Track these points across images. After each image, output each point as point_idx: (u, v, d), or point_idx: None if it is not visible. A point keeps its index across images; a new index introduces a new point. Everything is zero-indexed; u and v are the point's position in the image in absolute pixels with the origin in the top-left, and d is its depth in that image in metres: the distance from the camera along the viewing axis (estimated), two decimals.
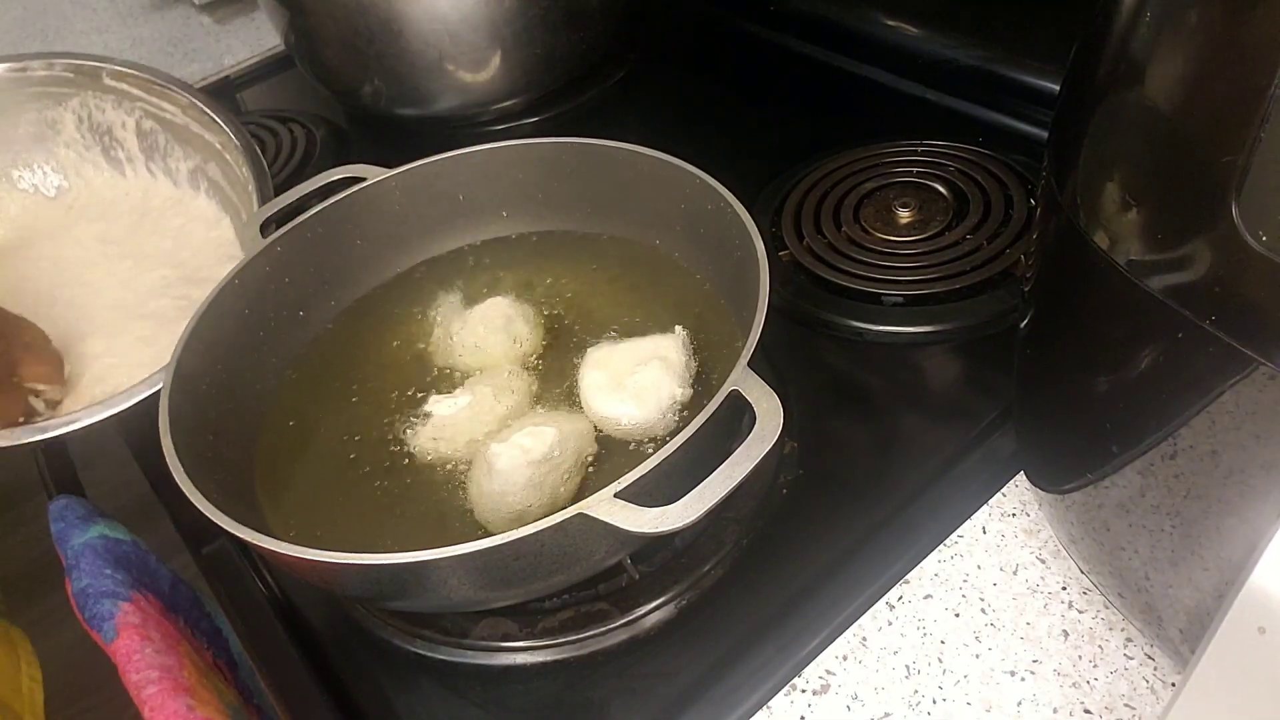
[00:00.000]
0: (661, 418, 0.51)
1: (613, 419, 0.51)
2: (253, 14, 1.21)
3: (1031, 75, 0.75)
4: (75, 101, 0.77)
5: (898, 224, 0.67)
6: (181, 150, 0.76)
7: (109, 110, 0.77)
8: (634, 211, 0.62)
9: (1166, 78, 0.30)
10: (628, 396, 0.51)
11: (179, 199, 0.78)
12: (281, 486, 0.53)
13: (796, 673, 0.46)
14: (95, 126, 0.78)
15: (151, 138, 0.77)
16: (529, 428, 0.49)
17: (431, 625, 0.50)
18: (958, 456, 0.54)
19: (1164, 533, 0.35)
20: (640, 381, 0.51)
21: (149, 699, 0.46)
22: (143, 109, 0.75)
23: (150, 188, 0.79)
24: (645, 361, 0.52)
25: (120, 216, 0.78)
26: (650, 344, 0.54)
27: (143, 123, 0.76)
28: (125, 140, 0.78)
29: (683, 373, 0.52)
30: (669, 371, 0.52)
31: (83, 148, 0.79)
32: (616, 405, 0.51)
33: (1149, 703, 0.42)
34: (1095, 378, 0.36)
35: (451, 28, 0.81)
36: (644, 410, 0.51)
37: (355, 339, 0.62)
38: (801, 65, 0.90)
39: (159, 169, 0.78)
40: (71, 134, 0.78)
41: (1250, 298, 0.27)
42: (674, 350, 0.53)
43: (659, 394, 0.51)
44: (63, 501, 0.60)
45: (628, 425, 0.51)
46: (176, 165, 0.77)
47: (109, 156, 0.79)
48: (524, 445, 0.48)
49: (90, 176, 0.80)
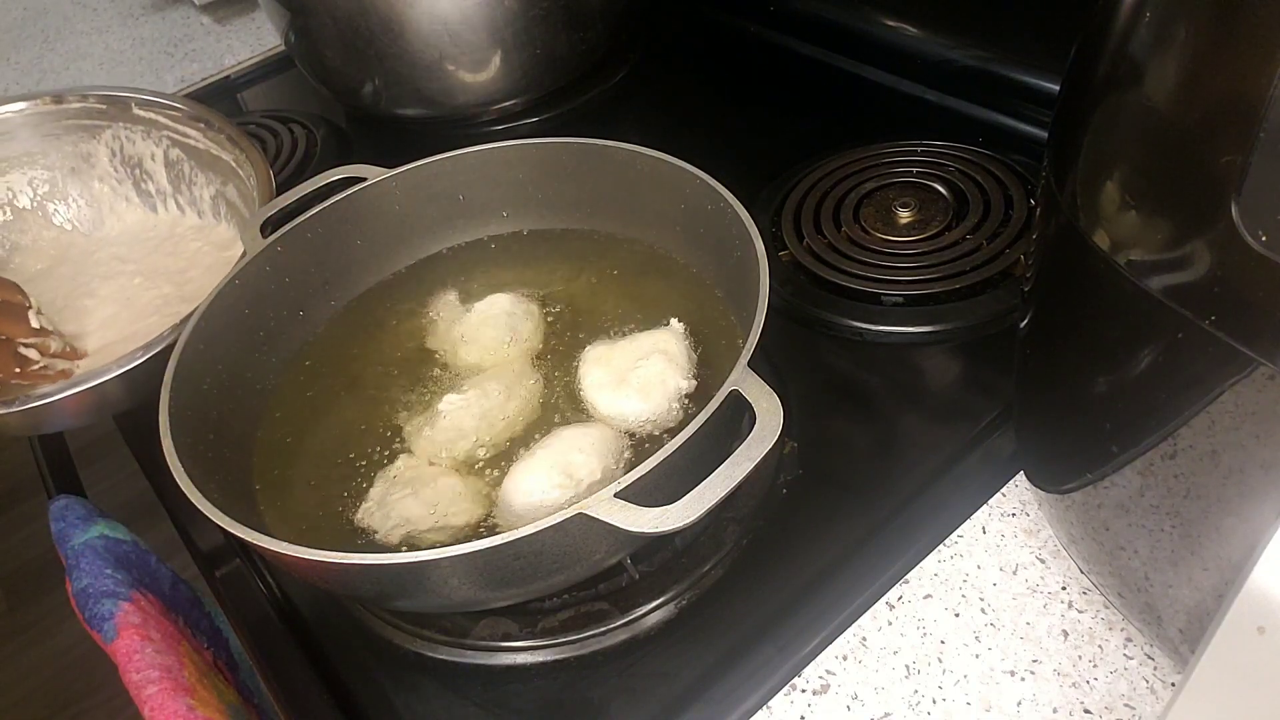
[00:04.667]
0: (669, 410, 0.51)
1: (620, 416, 0.51)
2: (253, 14, 1.21)
3: (1031, 75, 0.75)
4: (108, 134, 0.78)
5: (898, 224, 0.67)
6: (204, 176, 0.76)
7: (139, 141, 0.78)
8: (634, 211, 0.62)
9: (1166, 78, 0.30)
10: (632, 391, 0.51)
11: (201, 227, 0.78)
12: (281, 486, 0.53)
13: (796, 673, 0.46)
14: (127, 159, 0.79)
15: (178, 167, 0.78)
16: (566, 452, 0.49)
17: (432, 625, 0.50)
18: (957, 456, 0.54)
19: (1164, 533, 0.35)
20: (644, 376, 0.52)
21: (149, 699, 0.46)
22: (169, 137, 0.76)
23: (178, 221, 0.80)
24: (646, 356, 0.52)
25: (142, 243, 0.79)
26: (648, 339, 0.54)
27: (170, 152, 0.77)
28: (155, 172, 0.78)
29: (684, 364, 0.53)
30: (671, 364, 0.52)
31: (116, 181, 0.80)
32: (623, 401, 0.51)
33: (1149, 703, 0.42)
34: (1095, 378, 0.36)
35: (452, 28, 0.81)
36: (651, 403, 0.51)
37: (355, 339, 0.62)
38: (801, 65, 0.90)
39: (185, 201, 0.79)
40: (105, 167, 0.79)
41: (1250, 298, 0.27)
42: (673, 343, 0.53)
43: (665, 386, 0.51)
44: (63, 501, 0.60)
45: (636, 420, 0.51)
46: (200, 194, 0.78)
47: (140, 189, 0.80)
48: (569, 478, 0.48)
49: (123, 212, 0.81)
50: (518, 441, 0.53)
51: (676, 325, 0.54)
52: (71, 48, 1.24)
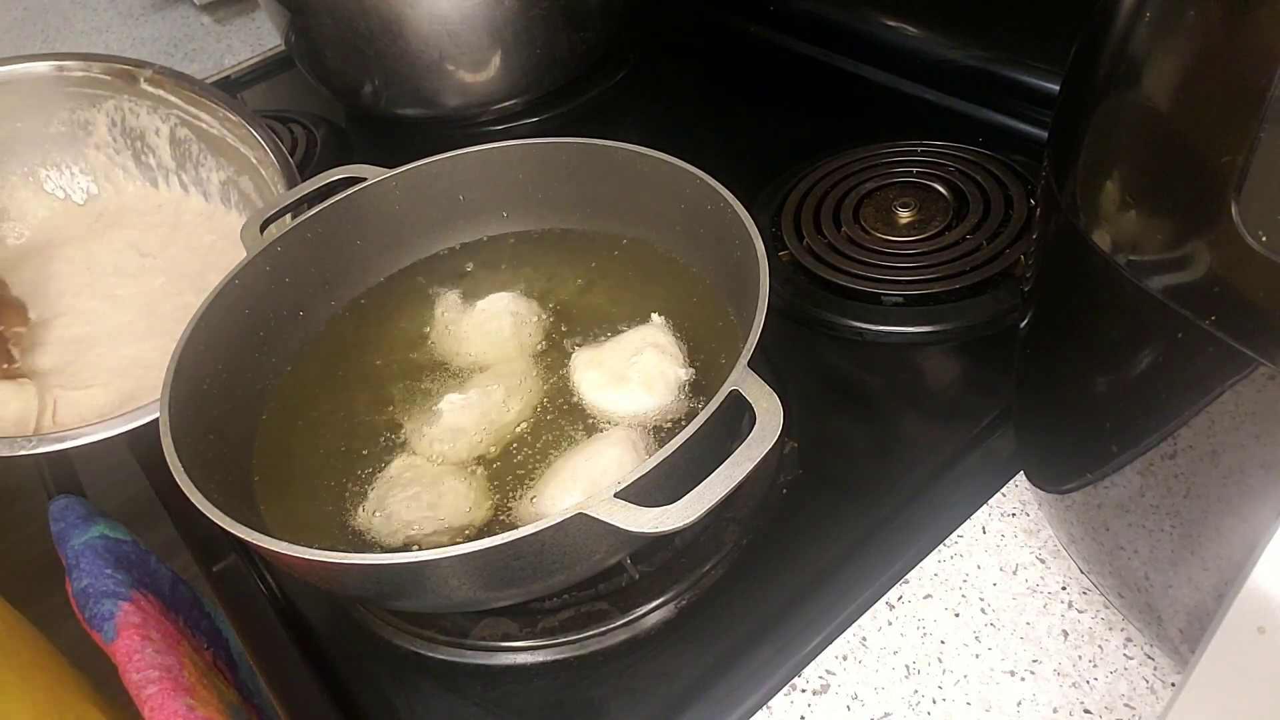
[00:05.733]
0: (675, 399, 0.52)
1: (627, 413, 0.52)
2: (253, 14, 1.21)
3: (1031, 75, 0.75)
4: (110, 104, 0.76)
5: (898, 224, 0.67)
6: (214, 160, 0.75)
7: (143, 115, 0.76)
8: (634, 211, 0.62)
9: (1166, 78, 0.30)
10: (635, 387, 0.52)
11: (210, 213, 0.76)
12: (282, 486, 0.53)
13: (796, 673, 0.46)
14: (128, 130, 0.77)
15: (185, 146, 0.76)
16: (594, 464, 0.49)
17: (431, 625, 0.50)
18: (957, 456, 0.54)
19: (1164, 533, 0.35)
20: (643, 370, 0.52)
21: (149, 699, 0.46)
22: (179, 117, 0.75)
23: (182, 201, 0.78)
24: (639, 351, 0.53)
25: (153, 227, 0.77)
26: (636, 335, 0.54)
27: (177, 130, 0.75)
28: (158, 147, 0.77)
29: (677, 354, 0.53)
30: (665, 355, 0.52)
31: (113, 150, 0.78)
32: (627, 398, 0.52)
33: (1149, 703, 0.42)
34: (1095, 378, 0.36)
35: (452, 28, 0.81)
36: (656, 396, 0.51)
37: (355, 338, 0.62)
38: (801, 65, 0.90)
39: (190, 180, 0.77)
40: (103, 135, 0.77)
41: (1250, 298, 0.27)
42: (660, 335, 0.54)
43: (665, 377, 0.52)
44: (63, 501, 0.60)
45: (643, 414, 0.51)
46: (208, 176, 0.76)
47: (139, 162, 0.78)
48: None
49: (121, 183, 0.79)
50: (518, 441, 0.53)
51: (658, 319, 0.55)
52: (71, 47, 1.24)
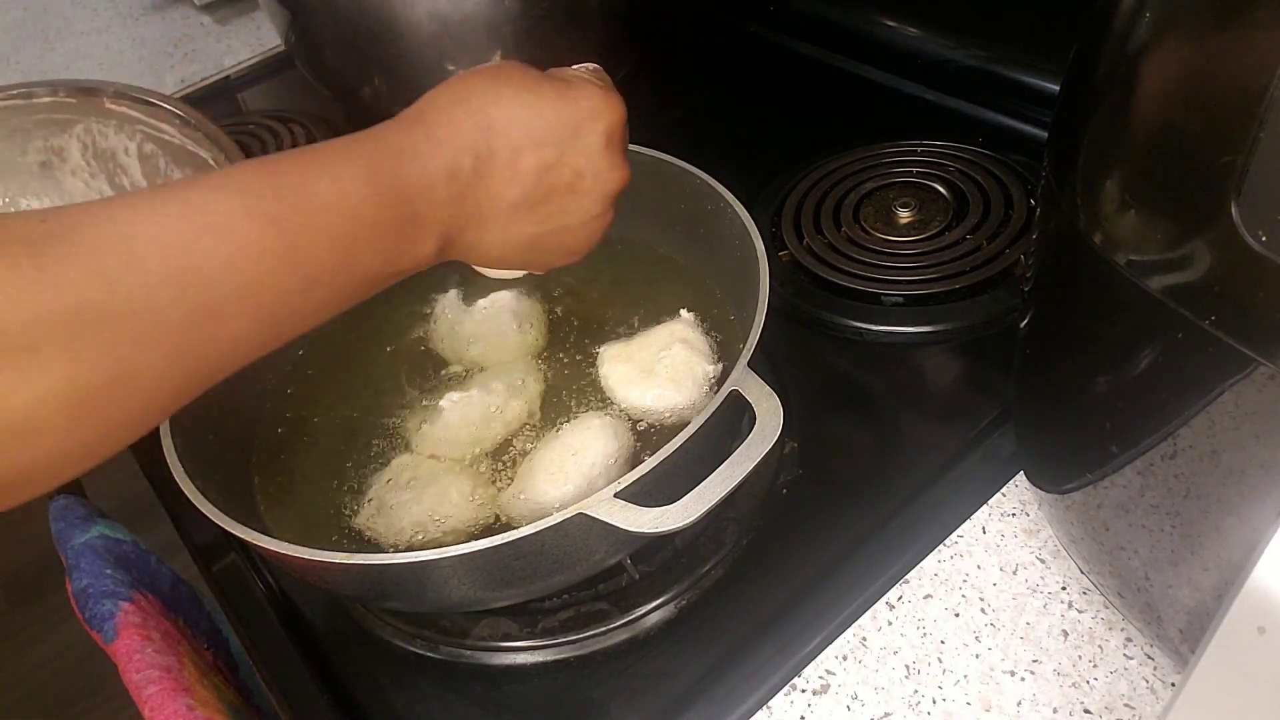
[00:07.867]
0: (704, 396, 0.51)
1: (653, 409, 0.51)
2: (253, 14, 1.21)
3: (1031, 75, 0.75)
4: (80, 128, 0.75)
5: (898, 224, 0.67)
6: (180, 172, 0.75)
7: (111, 135, 0.75)
8: (634, 211, 0.61)
9: (1166, 78, 0.30)
10: (663, 382, 0.51)
11: None
12: (282, 486, 0.53)
13: (796, 673, 0.46)
14: (100, 153, 0.77)
15: (153, 161, 0.76)
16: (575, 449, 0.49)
17: (431, 625, 0.50)
18: (957, 456, 0.54)
19: (1164, 533, 0.35)
20: (670, 366, 0.52)
21: (149, 699, 0.46)
22: (143, 132, 0.75)
23: None
24: (667, 347, 0.53)
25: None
26: (665, 331, 0.54)
27: (144, 146, 0.75)
28: (129, 166, 0.76)
29: (706, 350, 0.53)
30: (694, 351, 0.52)
31: (89, 175, 0.78)
32: (654, 394, 0.51)
33: (1149, 703, 0.42)
34: (1095, 378, 0.36)
35: (452, 28, 0.81)
36: (683, 392, 0.51)
37: (356, 338, 0.62)
38: (802, 65, 0.90)
39: None
40: (78, 161, 0.77)
41: (1250, 298, 0.27)
42: (690, 331, 0.54)
43: (693, 374, 0.51)
44: (63, 501, 0.60)
45: (669, 410, 0.51)
46: None
47: (114, 184, 0.78)
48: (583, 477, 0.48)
49: None
50: (520, 440, 0.53)
51: (687, 315, 0.55)
52: (71, 48, 1.23)
